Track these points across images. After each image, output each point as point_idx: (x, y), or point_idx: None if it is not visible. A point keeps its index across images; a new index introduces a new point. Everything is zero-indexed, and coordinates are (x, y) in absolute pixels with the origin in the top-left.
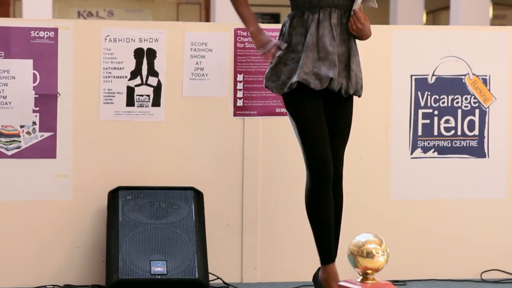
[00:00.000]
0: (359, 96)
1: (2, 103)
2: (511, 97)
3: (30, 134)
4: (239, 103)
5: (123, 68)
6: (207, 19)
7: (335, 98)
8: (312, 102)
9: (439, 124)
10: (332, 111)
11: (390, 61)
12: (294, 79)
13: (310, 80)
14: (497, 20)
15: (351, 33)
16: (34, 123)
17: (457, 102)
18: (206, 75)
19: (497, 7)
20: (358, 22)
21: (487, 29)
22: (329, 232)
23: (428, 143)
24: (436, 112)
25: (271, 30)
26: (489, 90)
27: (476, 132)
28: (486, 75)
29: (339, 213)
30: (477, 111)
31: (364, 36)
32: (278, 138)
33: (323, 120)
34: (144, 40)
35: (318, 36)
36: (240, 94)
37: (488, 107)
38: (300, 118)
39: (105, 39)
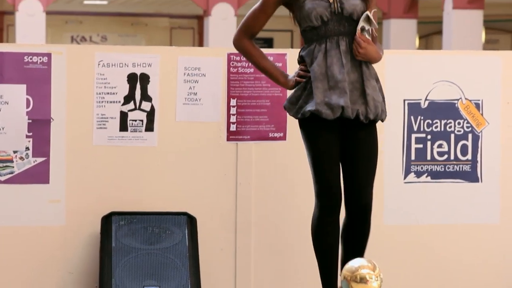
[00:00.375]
0: (382, 121)
1: None
2: (504, 121)
3: (23, 159)
4: (232, 127)
5: (116, 93)
6: (200, 43)
7: (356, 125)
8: (325, 132)
9: (432, 149)
10: (354, 138)
11: (383, 86)
12: (307, 108)
13: (321, 110)
14: (489, 44)
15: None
16: (27, 148)
17: (450, 127)
18: (199, 100)
19: (489, 32)
20: (359, 47)
21: (480, 53)
22: (333, 263)
23: (421, 168)
24: (429, 137)
25: (266, 55)
26: (482, 114)
27: (469, 156)
28: (479, 100)
29: (362, 244)
30: (470, 135)
31: (371, 59)
32: (272, 163)
33: (336, 151)
34: (138, 65)
35: (327, 66)
36: (233, 118)
37: (481, 131)
38: (312, 148)
39: (99, 64)
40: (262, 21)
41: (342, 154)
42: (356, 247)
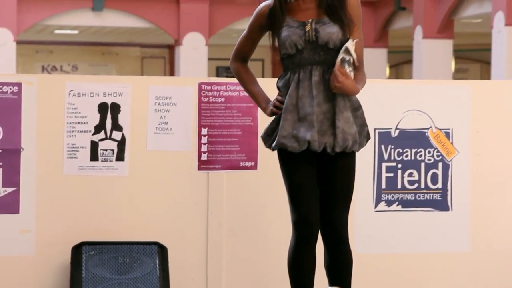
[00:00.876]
0: (354, 152)
1: None
2: (474, 150)
3: None
4: (204, 157)
5: (87, 123)
6: (172, 73)
7: (332, 155)
8: (301, 163)
9: (402, 178)
10: (330, 167)
11: None
12: (273, 144)
13: (287, 143)
14: (459, 73)
15: None
16: None
17: (421, 156)
18: (171, 129)
19: (459, 61)
20: (335, 81)
21: (449, 83)
22: None
23: (392, 197)
24: (399, 166)
25: (237, 84)
26: (451, 143)
27: (439, 185)
28: (448, 129)
29: (345, 273)
30: (440, 164)
31: (347, 93)
32: (243, 192)
33: (312, 181)
34: (108, 94)
35: (298, 97)
36: (204, 148)
37: (451, 160)
38: (288, 179)
39: (69, 93)
40: (249, 45)
41: (319, 182)
42: (338, 276)
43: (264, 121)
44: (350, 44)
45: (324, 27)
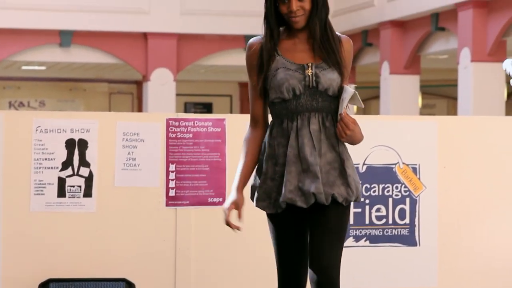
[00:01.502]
0: (359, 202)
1: None
2: (441, 185)
3: None
4: (171, 193)
5: (54, 159)
6: (140, 109)
7: (327, 207)
8: (290, 220)
9: (370, 213)
10: (322, 217)
11: None
12: (280, 199)
13: (296, 198)
14: (426, 109)
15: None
16: None
17: (388, 191)
18: (138, 165)
19: (426, 97)
20: (346, 128)
21: (416, 118)
22: None
23: (360, 232)
24: (367, 201)
25: (204, 120)
26: (419, 179)
27: (407, 220)
28: (416, 164)
29: None
30: (407, 199)
31: (355, 141)
32: (211, 228)
33: (302, 241)
34: (76, 130)
35: (299, 147)
36: (172, 184)
37: (419, 195)
38: (275, 240)
39: (36, 130)
40: (258, 99)
41: (311, 226)
42: None
43: (232, 157)
44: (355, 91)
45: (325, 73)
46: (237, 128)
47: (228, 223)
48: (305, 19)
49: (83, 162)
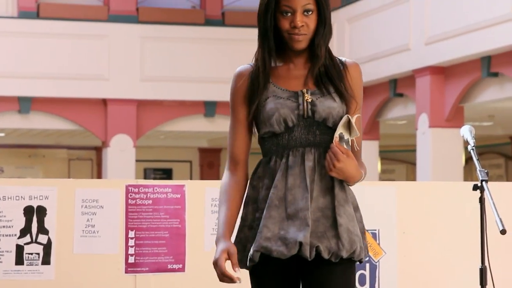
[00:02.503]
0: (360, 262)
1: None
2: (400, 251)
3: None
4: (131, 259)
5: (12, 226)
6: (99, 175)
7: (322, 262)
8: (276, 280)
9: None
10: (317, 280)
11: None
12: (252, 249)
13: (272, 247)
14: (385, 174)
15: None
16: None
17: None
18: (97, 232)
19: (385, 162)
20: (335, 159)
21: (375, 184)
22: None
23: None
24: None
25: (164, 186)
26: (378, 244)
27: (367, 286)
28: (375, 230)
29: None
30: (367, 265)
31: (349, 178)
32: None
33: None
34: (34, 197)
35: (286, 188)
36: (131, 250)
37: (378, 261)
38: None
39: None
40: (241, 136)
41: None
42: None
43: (192, 223)
44: (353, 119)
45: (323, 100)
46: (197, 194)
47: (223, 276)
48: (308, 39)
49: (42, 229)
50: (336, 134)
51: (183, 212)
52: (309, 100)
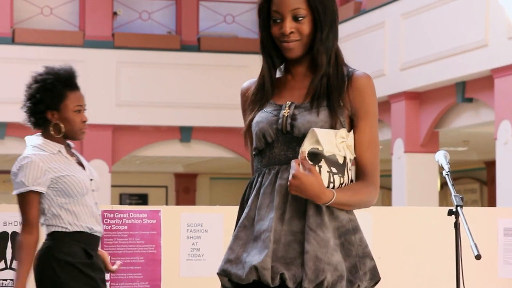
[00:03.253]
0: None
1: None
2: None
3: None
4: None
5: None
6: None
7: None
8: None
9: None
10: None
11: None
12: (217, 271)
13: (232, 270)
14: None
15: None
16: None
17: None
18: None
19: None
20: (291, 176)
21: None
22: None
23: None
24: None
25: (139, 211)
26: None
27: None
28: None
29: None
30: None
31: (311, 197)
32: None
33: None
34: (9, 223)
35: (257, 208)
36: (107, 276)
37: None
38: None
39: None
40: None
41: None
42: None
43: (167, 248)
44: (332, 133)
45: (305, 114)
46: (173, 219)
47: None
48: (303, 46)
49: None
50: (302, 149)
51: (158, 237)
52: (288, 114)
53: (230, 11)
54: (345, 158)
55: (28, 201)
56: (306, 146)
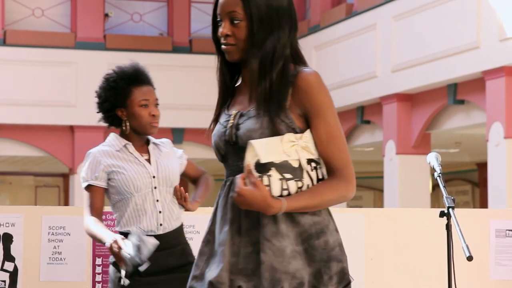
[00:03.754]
0: None
1: None
2: (368, 277)
3: None
4: (98, 287)
5: None
6: (66, 202)
7: None
8: None
9: None
10: None
11: None
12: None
13: (196, 286)
14: (353, 201)
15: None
16: None
17: None
18: (64, 259)
19: None
20: (234, 191)
21: (343, 210)
22: None
23: None
24: None
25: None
26: None
27: None
28: None
29: None
30: None
31: (260, 210)
32: None
33: None
34: (1, 224)
35: (217, 221)
36: (98, 278)
37: None
38: None
39: None
40: None
41: None
42: None
43: None
44: (276, 140)
45: (247, 122)
46: None
47: None
48: (239, 51)
49: (8, 257)
50: (246, 162)
51: None
52: (232, 124)
53: None
54: (299, 161)
55: (88, 195)
56: (249, 159)
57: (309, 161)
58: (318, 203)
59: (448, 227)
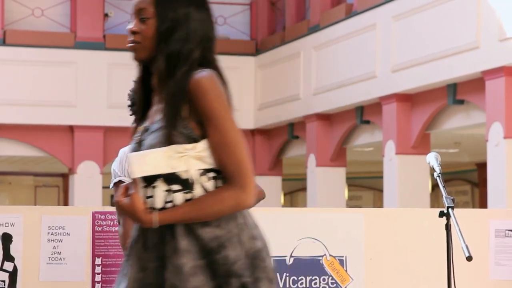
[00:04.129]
0: None
1: None
2: (368, 277)
3: None
4: (97, 287)
5: None
6: (66, 202)
7: None
8: None
9: None
10: None
11: None
12: None
13: None
14: (352, 201)
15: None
16: None
17: (315, 283)
18: (64, 259)
19: (352, 189)
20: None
21: (343, 210)
22: None
23: None
24: None
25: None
26: (346, 271)
27: None
28: (342, 256)
29: None
30: None
31: (134, 221)
32: None
33: None
34: (0, 225)
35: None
36: (98, 278)
37: (346, 287)
38: None
39: None
40: None
41: None
42: None
43: None
44: (158, 152)
45: (149, 138)
46: None
47: None
48: (145, 50)
49: (8, 257)
50: (134, 174)
51: None
52: (138, 140)
53: (222, 12)
54: (189, 172)
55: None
56: (135, 171)
57: (206, 171)
58: (199, 214)
59: (448, 227)
